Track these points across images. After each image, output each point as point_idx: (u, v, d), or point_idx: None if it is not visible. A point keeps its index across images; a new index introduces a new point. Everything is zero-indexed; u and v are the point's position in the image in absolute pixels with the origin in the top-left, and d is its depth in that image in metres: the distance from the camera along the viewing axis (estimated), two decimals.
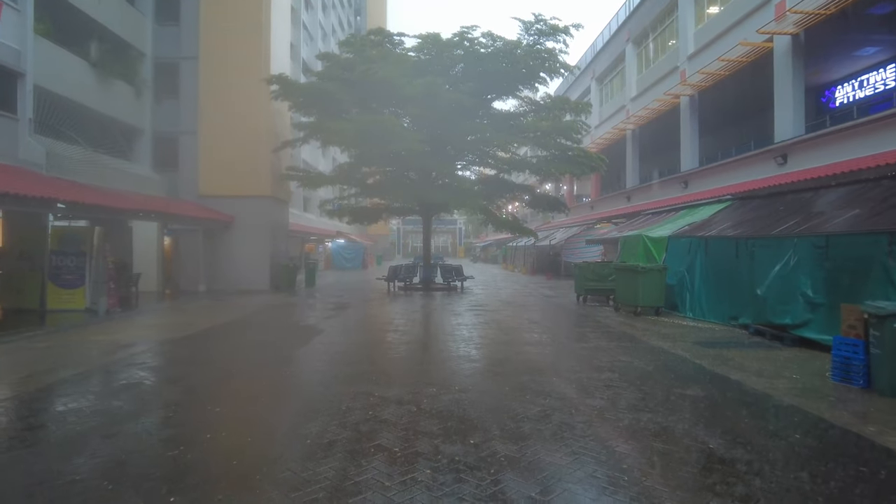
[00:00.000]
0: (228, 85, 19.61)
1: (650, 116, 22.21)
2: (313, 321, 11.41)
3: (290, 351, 7.93)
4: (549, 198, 18.92)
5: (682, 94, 19.34)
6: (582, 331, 9.68)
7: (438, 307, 13.53)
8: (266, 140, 19.63)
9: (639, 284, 11.61)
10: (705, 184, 18.09)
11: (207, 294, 18.19)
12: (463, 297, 16.21)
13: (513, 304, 14.26)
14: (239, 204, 19.61)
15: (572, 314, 12.33)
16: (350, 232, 46.50)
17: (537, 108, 17.45)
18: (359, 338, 8.89)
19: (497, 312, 12.46)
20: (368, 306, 13.85)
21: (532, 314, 12.42)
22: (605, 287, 14.31)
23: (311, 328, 10.28)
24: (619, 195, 26.25)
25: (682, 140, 20.00)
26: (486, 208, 17.78)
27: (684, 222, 13.92)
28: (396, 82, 14.31)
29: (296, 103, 17.56)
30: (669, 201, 19.21)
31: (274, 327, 10.59)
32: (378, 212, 20.21)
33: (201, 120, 19.62)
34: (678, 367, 6.68)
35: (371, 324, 10.79)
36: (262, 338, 9.18)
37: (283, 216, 21.88)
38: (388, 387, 5.58)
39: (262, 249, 19.70)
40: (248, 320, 11.52)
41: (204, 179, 19.66)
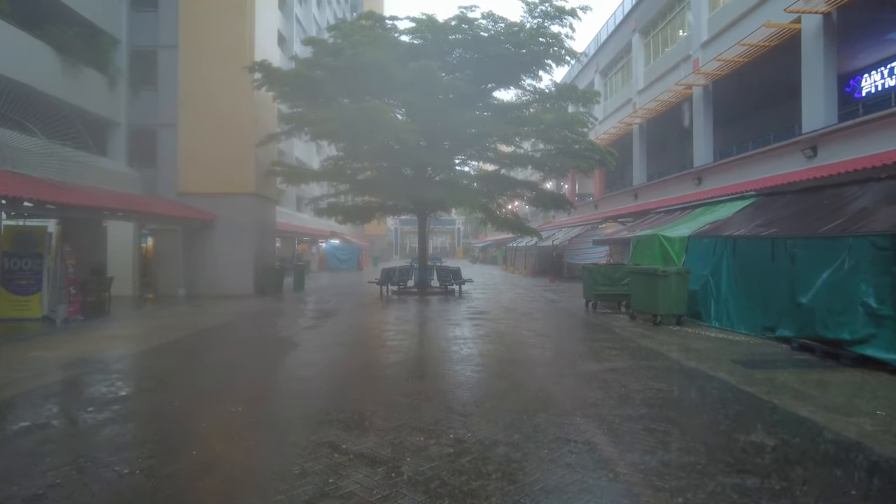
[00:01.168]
0: (210, 75, 18.31)
1: (660, 109, 20.96)
2: (291, 333, 10.12)
3: (252, 375, 6.64)
4: (554, 195, 17.63)
5: (696, 83, 18.08)
6: (598, 346, 8.39)
7: (434, 315, 12.24)
8: (250, 134, 18.31)
9: (659, 290, 10.33)
10: (721, 179, 16.83)
11: (187, 299, 16.89)
12: (461, 303, 14.93)
13: (516, 312, 12.98)
14: (221, 202, 18.31)
15: (583, 324, 11.05)
16: (345, 232, 45.20)
17: (542, 97, 16.13)
18: (338, 357, 7.59)
19: (499, 322, 11.18)
20: (356, 314, 12.57)
21: (538, 324, 11.14)
22: (618, 292, 13.03)
23: (286, 342, 8.99)
24: (625, 193, 24.98)
25: (695, 133, 18.74)
26: (486, 206, 16.49)
27: (704, 221, 12.65)
28: (388, 67, 13.03)
29: (280, 93, 16.28)
30: (681, 199, 17.95)
31: (244, 341, 9.31)
32: (371, 210, 18.91)
33: (181, 112, 18.31)
34: (727, 399, 5.40)
35: (355, 337, 9.49)
36: (226, 356, 7.89)
37: (270, 215, 20.57)
38: (363, 434, 4.29)
39: (246, 251, 18.39)
40: (217, 332, 10.23)
41: (184, 176, 18.36)
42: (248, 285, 18.29)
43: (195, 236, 18.27)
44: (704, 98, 18.11)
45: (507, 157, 16.77)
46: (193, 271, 18.27)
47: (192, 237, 18.26)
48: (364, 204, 19.34)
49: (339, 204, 18.78)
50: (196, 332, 10.03)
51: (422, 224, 18.26)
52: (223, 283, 18.11)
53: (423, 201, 16.86)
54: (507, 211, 18.98)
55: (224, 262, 18.24)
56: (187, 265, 18.21)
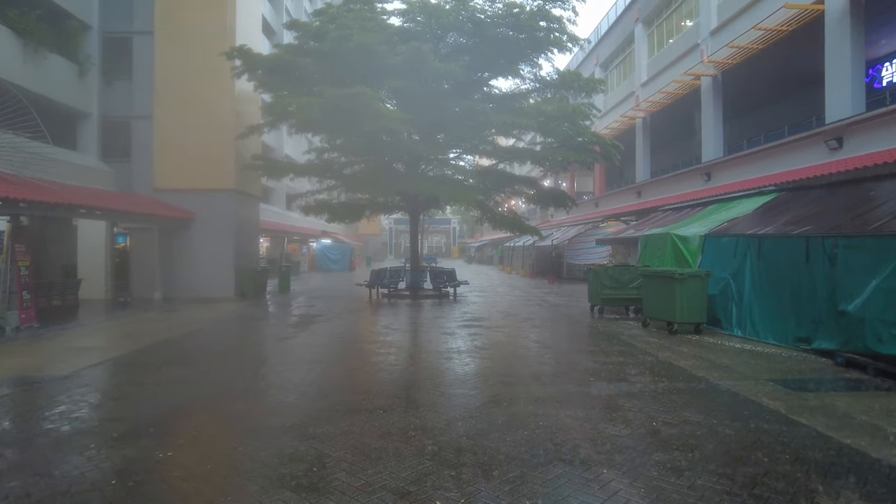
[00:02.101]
0: (189, 64, 17.15)
1: (665, 102, 19.95)
2: (262, 345, 9.02)
3: (203, 401, 5.54)
4: (555, 191, 16.54)
5: (704, 73, 17.06)
6: (611, 361, 7.32)
7: (426, 323, 11.14)
8: (231, 126, 17.16)
9: (675, 295, 9.28)
10: (733, 175, 15.81)
11: (162, 303, 15.74)
12: (456, 308, 13.84)
13: (516, 318, 11.91)
14: (200, 199, 17.15)
15: (591, 333, 9.97)
16: (337, 231, 44.03)
17: (543, 85, 15.02)
18: (309, 378, 6.47)
19: (498, 331, 10.09)
20: (340, 321, 11.45)
21: (541, 333, 10.06)
22: (626, 296, 11.99)
23: (255, 357, 7.89)
24: (627, 190, 23.95)
25: (704, 127, 17.73)
26: (483, 203, 15.41)
27: (719, 219, 11.62)
28: (376, 50, 11.91)
29: (261, 82, 15.13)
30: (689, 196, 16.95)
31: (208, 355, 8.18)
32: (360, 208, 17.77)
33: (157, 103, 17.14)
34: (780, 434, 4.35)
35: (334, 351, 8.37)
36: (182, 374, 6.77)
37: (253, 213, 19.41)
38: (320, 500, 3.19)
39: (227, 251, 17.23)
40: (182, 342, 9.10)
41: (160, 171, 17.18)
42: (229, 288, 17.15)
43: (172, 236, 17.12)
44: (714, 89, 17.08)
45: (505, 151, 15.66)
46: (170, 273, 17.12)
47: (168, 236, 17.10)
48: (353, 201, 18.20)
49: (325, 201, 17.62)
50: (158, 343, 8.91)
51: (414, 223, 17.15)
52: (202, 286, 16.97)
53: (415, 198, 15.76)
54: (506, 209, 17.88)
55: (203, 263, 17.10)
56: (164, 267, 17.06)
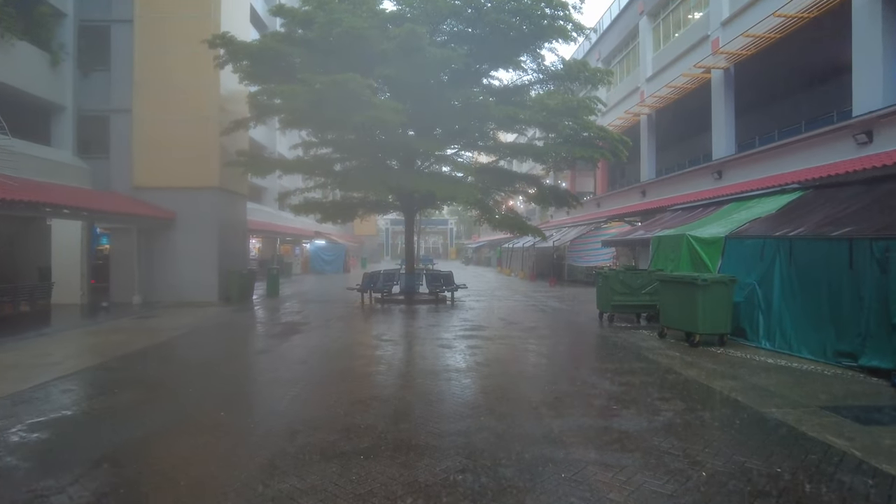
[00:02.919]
0: (170, 55, 16.18)
1: (672, 97, 19.05)
2: (235, 360, 8.06)
3: (142, 443, 4.58)
4: (558, 190, 15.60)
5: (716, 66, 16.18)
6: (633, 381, 6.39)
7: (420, 333, 10.17)
8: (215, 121, 16.19)
9: (698, 303, 8.36)
10: (747, 173, 14.94)
11: (142, 308, 14.75)
12: (453, 314, 12.90)
13: (519, 327, 10.97)
14: (182, 197, 16.17)
15: (604, 345, 9.03)
16: (332, 232, 43.02)
17: (547, 77, 14.06)
18: (280, 406, 5.50)
19: (501, 342, 9.14)
20: (327, 331, 10.48)
21: (549, 345, 9.12)
22: (639, 303, 11.09)
23: (222, 376, 6.92)
24: (631, 190, 23.05)
25: (714, 122, 16.84)
26: (483, 203, 14.46)
27: (739, 218, 10.72)
28: (367, 36, 10.96)
29: (246, 73, 14.15)
30: (698, 195, 16.09)
31: (172, 373, 7.21)
32: (352, 207, 16.82)
33: (136, 96, 16.15)
34: (869, 491, 3.41)
35: (315, 369, 7.39)
36: (133, 400, 5.81)
37: (239, 213, 18.42)
38: None
39: (210, 253, 16.24)
40: (148, 356, 8.12)
41: (139, 168, 16.19)
42: (212, 292, 16.15)
43: (153, 236, 16.13)
44: (725, 82, 16.20)
45: (506, 147, 14.70)
46: (151, 276, 16.13)
47: (149, 237, 16.11)
48: (345, 200, 17.22)
49: (316, 200, 16.65)
50: (123, 357, 7.95)
51: (409, 223, 16.19)
52: (184, 290, 15.98)
53: (410, 197, 14.82)
54: (507, 208, 16.93)
55: (185, 265, 16.11)
56: (144, 269, 16.07)
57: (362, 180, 12.56)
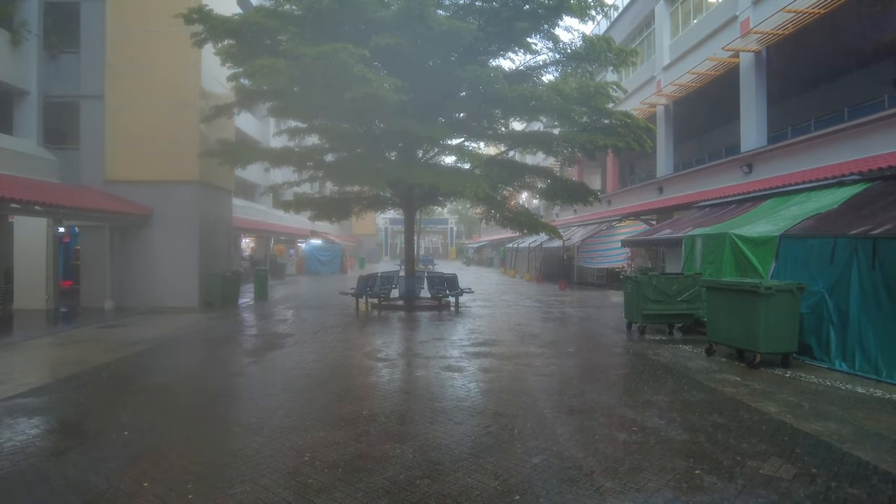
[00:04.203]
0: (146, 34, 14.73)
1: (693, 85, 17.60)
2: (199, 386, 6.59)
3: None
4: (574, 185, 14.09)
5: (746, 48, 14.71)
6: (700, 423, 4.93)
7: (421, 349, 8.68)
8: (197, 108, 14.74)
9: (760, 315, 6.90)
10: (783, 165, 13.52)
11: (113, 314, 13.30)
12: (459, 324, 11.43)
13: (537, 341, 9.50)
14: (160, 192, 14.71)
15: (645, 366, 7.54)
16: (329, 231, 41.52)
17: (565, 57, 12.51)
18: (232, 469, 4.06)
19: (518, 363, 7.67)
20: (312, 346, 9.00)
21: (577, 368, 7.63)
22: (674, 312, 9.63)
23: (180, 412, 5.46)
24: (647, 186, 21.59)
25: (744, 111, 15.37)
26: (491, 198, 12.96)
27: (792, 215, 9.24)
28: (361, 6, 9.49)
29: (228, 53, 12.64)
30: (725, 191, 14.67)
31: (117, 401, 5.73)
32: (346, 203, 15.34)
33: (109, 81, 14.68)
34: None
35: (289, 402, 5.90)
36: (48, 448, 4.34)
37: (223, 209, 16.93)
38: None
39: (190, 253, 14.77)
40: (100, 377, 6.65)
41: (112, 159, 14.71)
42: (192, 296, 14.68)
43: (127, 235, 14.66)
44: (756, 66, 14.73)
45: (519, 137, 13.17)
46: (125, 279, 14.67)
47: (123, 236, 14.65)
48: (338, 196, 15.73)
49: (307, 195, 15.17)
50: (71, 378, 6.56)
51: (409, 221, 14.69)
52: (161, 294, 14.52)
53: (410, 191, 13.36)
54: (515, 204, 15.44)
55: (163, 267, 14.64)
56: (117, 271, 14.59)
57: (357, 172, 11.06)
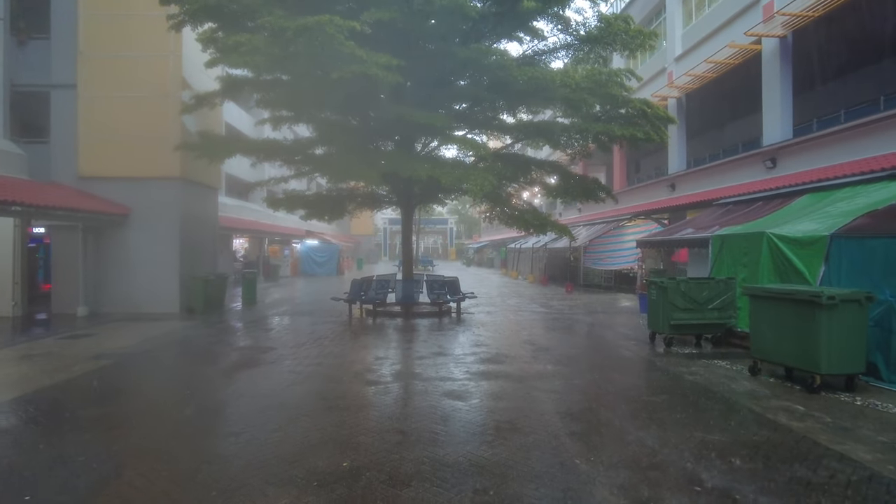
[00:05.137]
0: (122, 20, 13.66)
1: (709, 76, 16.54)
2: (158, 415, 5.49)
3: None
4: (587, 180, 12.99)
5: (769, 34, 13.64)
6: (777, 477, 3.85)
7: (419, 369, 7.55)
8: (178, 99, 13.65)
9: (821, 329, 5.82)
10: (812, 160, 12.48)
11: (86, 321, 12.23)
12: (461, 334, 10.34)
13: (551, 355, 8.41)
14: (137, 189, 13.64)
15: (682, 389, 6.43)
16: (326, 231, 40.41)
17: (578, 40, 11.35)
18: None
19: (533, 385, 6.57)
20: (294, 362, 7.89)
21: (606, 392, 6.54)
22: (705, 321, 8.56)
23: (121, 457, 4.36)
24: (657, 184, 20.54)
25: (766, 102, 14.30)
26: (497, 194, 11.85)
27: (839, 212, 8.16)
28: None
29: (209, 39, 11.52)
30: (747, 187, 13.63)
31: (54, 438, 4.64)
32: (340, 201, 14.24)
33: (83, 68, 13.59)
34: None
35: (251, 445, 4.80)
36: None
37: (208, 208, 15.83)
38: None
39: (170, 255, 13.68)
40: (39, 405, 5.55)
41: (86, 154, 13.62)
42: (173, 301, 13.59)
43: (102, 236, 13.56)
44: (781, 53, 13.66)
45: (527, 127, 12.04)
46: (100, 283, 13.56)
47: (97, 237, 13.55)
48: (331, 192, 14.62)
49: (297, 193, 14.06)
50: (5, 405, 5.45)
51: (407, 220, 13.60)
52: (139, 299, 13.42)
53: (408, 187, 12.27)
54: (521, 201, 14.33)
55: (141, 270, 13.55)
56: (92, 275, 13.48)
57: (349, 165, 9.95)
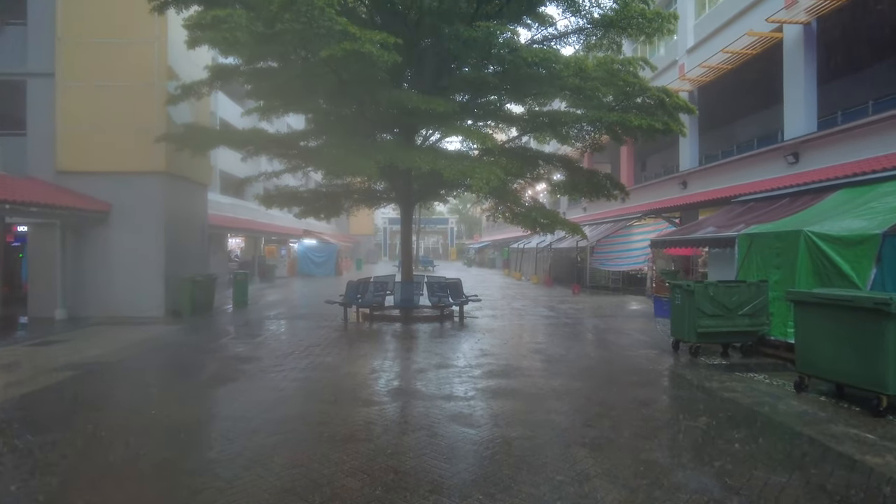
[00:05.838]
0: (104, 3, 12.85)
1: (725, 66, 15.74)
2: (83, 458, 4.65)
3: None
4: (599, 175, 12.12)
5: (792, 20, 12.81)
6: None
7: (419, 384, 6.68)
8: (163, 89, 12.82)
9: (888, 342, 4.98)
10: (840, 154, 11.68)
11: (63, 325, 11.43)
12: (465, 341, 9.49)
13: (564, 366, 7.58)
14: (120, 185, 12.81)
15: (721, 410, 5.59)
16: (324, 231, 39.58)
17: (591, 23, 10.49)
18: None
19: (546, 405, 5.73)
20: (278, 376, 7.04)
21: (629, 413, 5.70)
22: (735, 329, 7.73)
23: None
24: (667, 181, 19.74)
25: (788, 94, 13.48)
26: (504, 190, 10.99)
27: (889, 207, 7.32)
28: None
29: (195, 23, 10.67)
30: (766, 184, 12.81)
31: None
32: (335, 198, 13.40)
33: (61, 56, 12.77)
34: None
35: (206, 489, 3.98)
36: None
37: (197, 205, 14.98)
38: None
39: (155, 255, 12.84)
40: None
41: (65, 147, 12.79)
42: (157, 304, 12.76)
43: (82, 234, 12.74)
44: (805, 41, 12.83)
45: (535, 118, 11.16)
46: (80, 285, 12.72)
47: (77, 235, 12.72)
48: (326, 189, 13.78)
49: (289, 189, 13.22)
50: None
51: (406, 218, 12.74)
52: (121, 302, 12.60)
53: (408, 182, 11.43)
54: (528, 199, 13.47)
55: (123, 270, 12.72)
56: (70, 276, 12.64)
57: (343, 157, 9.08)
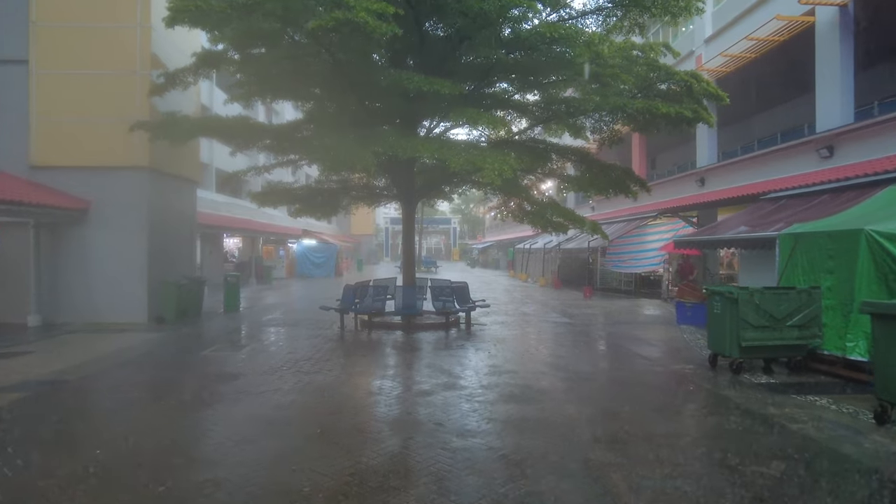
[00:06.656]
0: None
1: (749, 55, 14.79)
2: (55, 482, 3.69)
3: None
4: (618, 170, 11.07)
5: (827, 2, 11.81)
6: None
7: (420, 408, 5.67)
8: (146, 77, 11.89)
9: None
10: (879, 147, 10.76)
11: (36, 332, 10.57)
12: (473, 353, 8.51)
13: (589, 385, 6.61)
14: (99, 181, 11.88)
15: (791, 449, 4.56)
16: (324, 231, 38.64)
17: (612, 3, 9.44)
18: None
19: (577, 436, 4.76)
20: (261, 398, 6.06)
21: (677, 452, 4.71)
22: (783, 342, 6.75)
23: None
24: (682, 179, 18.78)
25: (820, 82, 12.50)
26: (517, 184, 10.00)
27: None
28: None
29: (177, 9, 9.71)
30: (793, 181, 11.86)
31: None
32: (332, 194, 12.45)
33: (35, 41, 11.83)
34: None
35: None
36: None
37: (185, 203, 14.00)
38: None
39: (137, 256, 11.89)
40: None
41: (39, 140, 11.85)
42: (140, 309, 11.81)
43: (58, 234, 11.81)
44: (842, 24, 11.82)
45: (554, 103, 10.11)
46: (56, 288, 11.78)
47: (52, 235, 11.80)
48: (321, 185, 12.84)
49: (282, 185, 12.27)
50: None
51: (408, 216, 11.76)
52: (101, 306, 11.66)
53: (408, 177, 10.48)
54: (540, 194, 12.47)
55: (103, 273, 11.78)
56: (45, 279, 11.71)
57: (339, 144, 8.13)
